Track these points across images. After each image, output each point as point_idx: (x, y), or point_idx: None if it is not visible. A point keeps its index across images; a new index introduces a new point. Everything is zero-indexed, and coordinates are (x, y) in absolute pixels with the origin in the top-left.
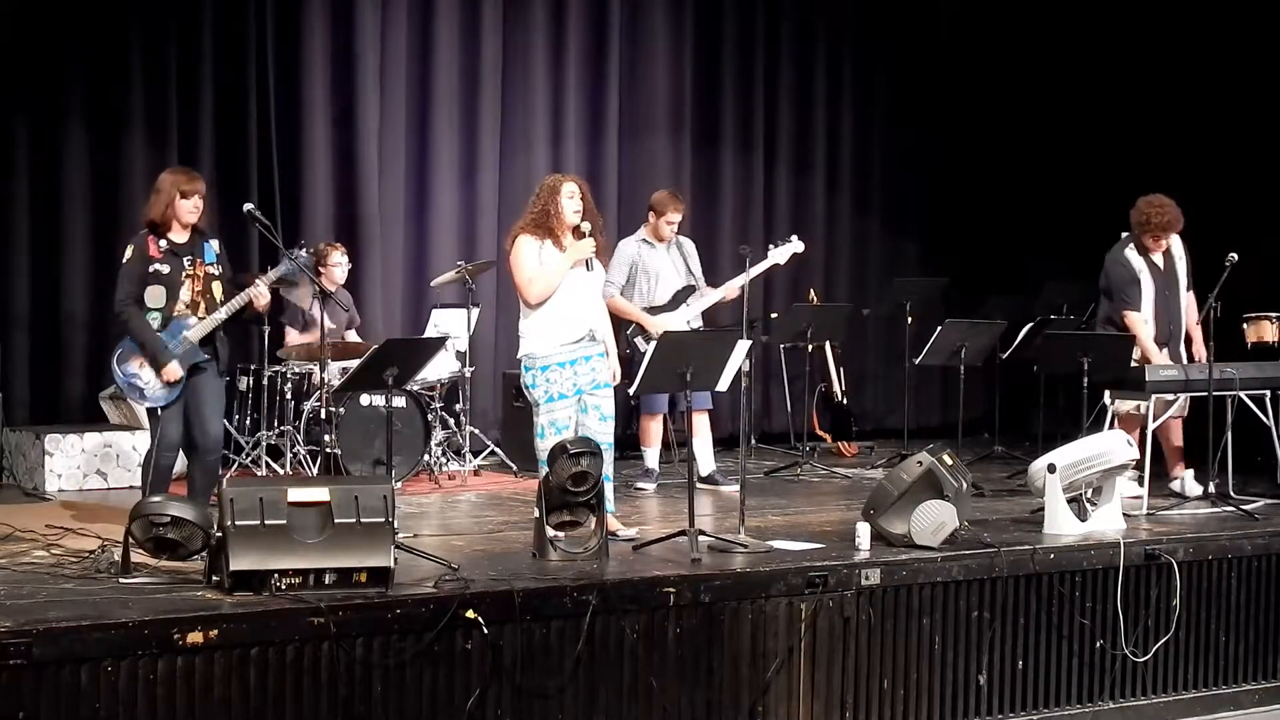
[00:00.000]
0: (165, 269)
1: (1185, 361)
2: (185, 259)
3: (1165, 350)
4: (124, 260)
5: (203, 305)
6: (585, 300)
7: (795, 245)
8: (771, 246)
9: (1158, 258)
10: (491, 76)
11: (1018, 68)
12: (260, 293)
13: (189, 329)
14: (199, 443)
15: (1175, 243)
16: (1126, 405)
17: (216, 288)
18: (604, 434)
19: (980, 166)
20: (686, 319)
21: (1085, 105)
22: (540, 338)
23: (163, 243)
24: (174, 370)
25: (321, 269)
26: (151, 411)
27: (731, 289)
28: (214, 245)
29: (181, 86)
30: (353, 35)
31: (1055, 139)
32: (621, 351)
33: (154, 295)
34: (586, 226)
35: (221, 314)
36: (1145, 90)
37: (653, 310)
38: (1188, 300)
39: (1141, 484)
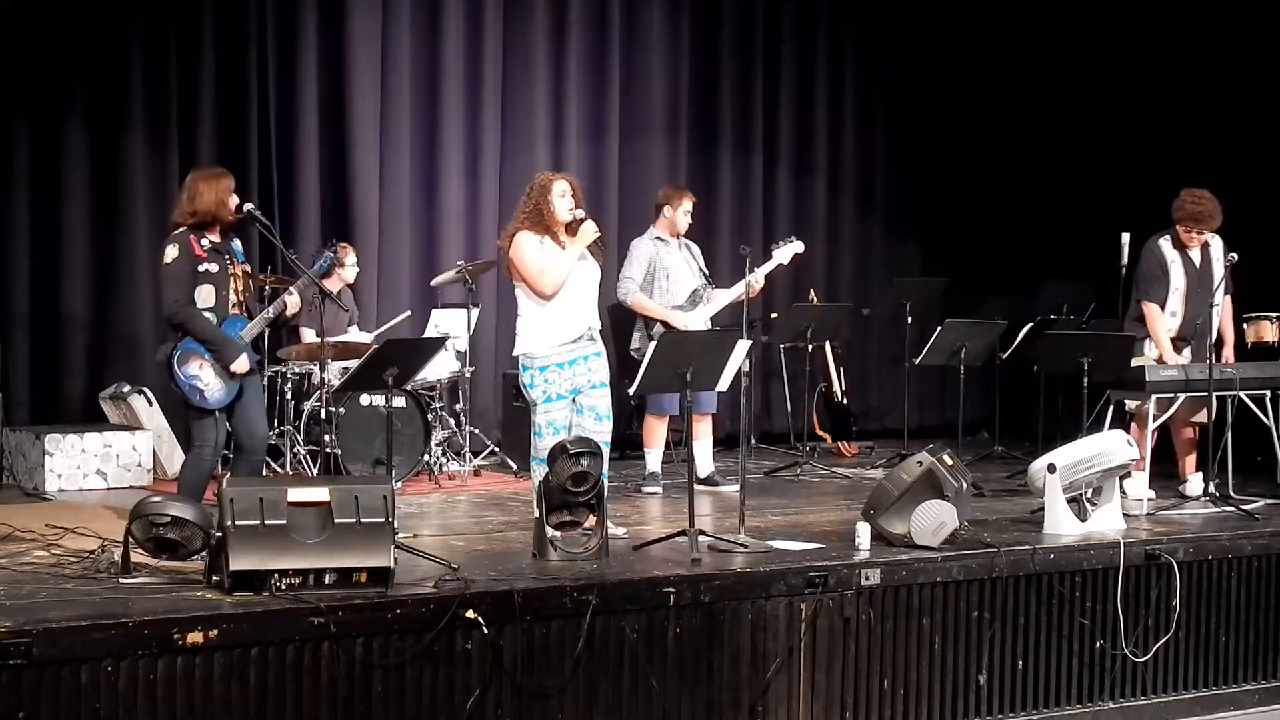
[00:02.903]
0: (214, 268)
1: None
2: (225, 257)
3: (1188, 349)
4: (166, 261)
5: (244, 304)
6: (584, 296)
7: (796, 245)
8: (774, 247)
9: (1195, 254)
10: (493, 77)
11: (1018, 68)
12: (294, 300)
13: (242, 329)
14: (246, 444)
15: (1215, 242)
16: (1135, 404)
17: (252, 286)
18: (600, 434)
19: (981, 167)
20: (705, 319)
21: (1086, 105)
22: (540, 337)
23: (204, 241)
24: (244, 362)
25: (339, 269)
26: (201, 413)
27: (741, 290)
28: (238, 244)
29: (181, 86)
30: (353, 36)
31: (1055, 139)
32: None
33: (204, 295)
34: (580, 213)
35: (270, 313)
36: (1145, 90)
37: (674, 310)
38: (1225, 304)
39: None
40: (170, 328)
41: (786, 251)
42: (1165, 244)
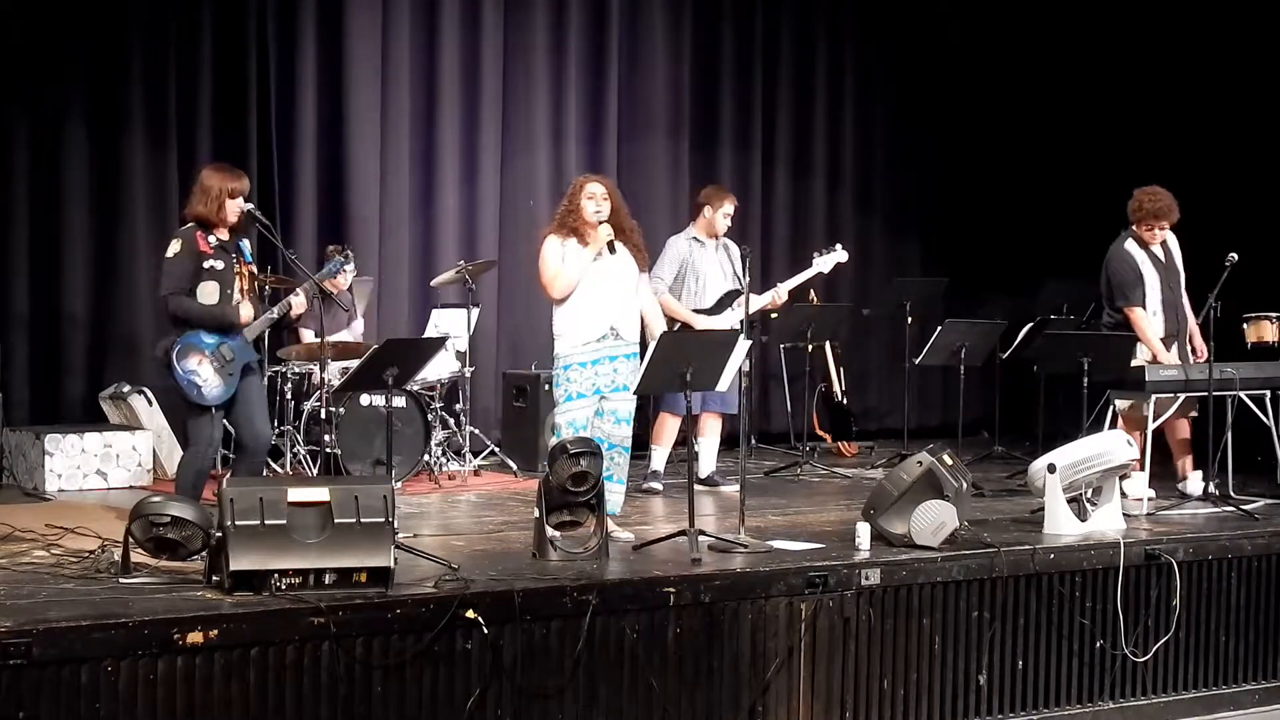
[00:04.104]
0: (219, 265)
1: (1190, 358)
2: (232, 256)
3: (1174, 346)
4: (169, 254)
5: (248, 303)
6: (607, 297)
7: (839, 255)
8: (815, 255)
9: (1157, 250)
10: (492, 77)
11: (1018, 68)
12: (300, 301)
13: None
14: (248, 445)
15: (1170, 237)
16: (1125, 404)
17: (256, 286)
18: (619, 437)
19: (981, 167)
20: (733, 324)
21: (1085, 105)
22: (564, 337)
23: (211, 239)
24: (247, 309)
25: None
26: (198, 409)
27: (778, 295)
28: (246, 244)
29: (181, 86)
30: (353, 36)
31: (1055, 139)
32: None
33: (208, 292)
34: (602, 215)
35: (274, 313)
36: (1145, 90)
37: (699, 313)
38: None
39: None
40: (171, 322)
41: (828, 260)
42: (1131, 246)
